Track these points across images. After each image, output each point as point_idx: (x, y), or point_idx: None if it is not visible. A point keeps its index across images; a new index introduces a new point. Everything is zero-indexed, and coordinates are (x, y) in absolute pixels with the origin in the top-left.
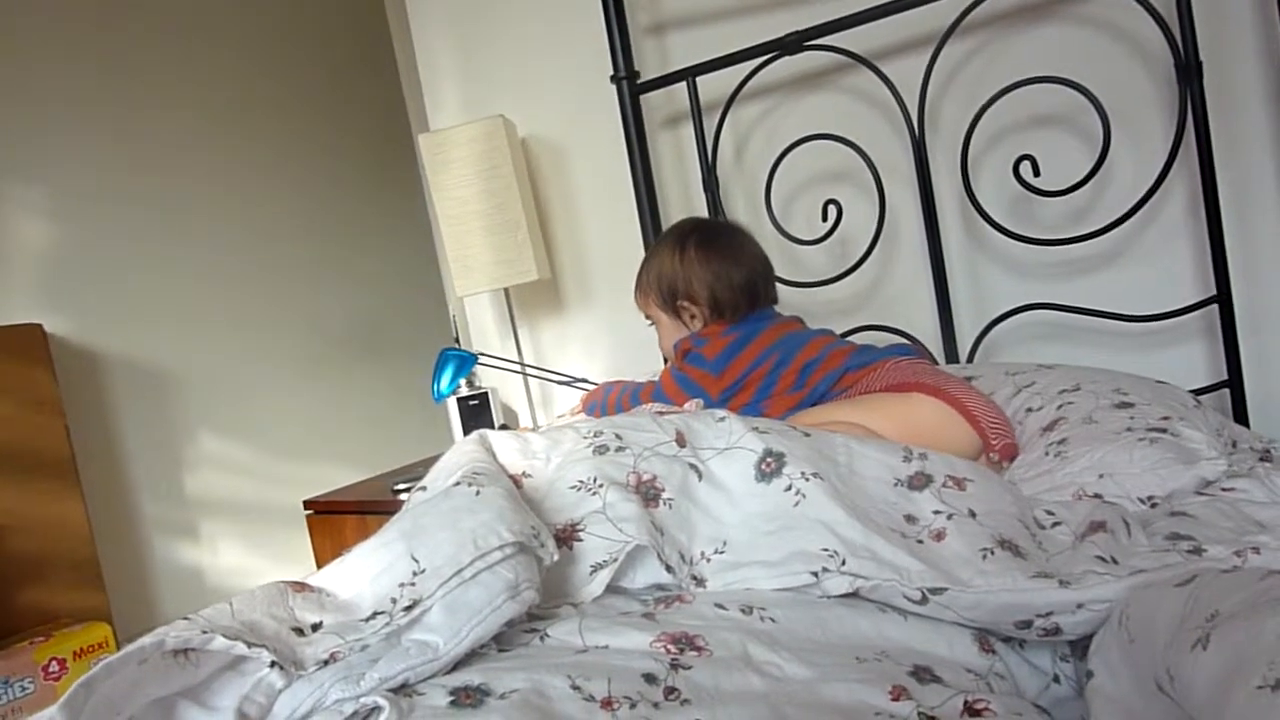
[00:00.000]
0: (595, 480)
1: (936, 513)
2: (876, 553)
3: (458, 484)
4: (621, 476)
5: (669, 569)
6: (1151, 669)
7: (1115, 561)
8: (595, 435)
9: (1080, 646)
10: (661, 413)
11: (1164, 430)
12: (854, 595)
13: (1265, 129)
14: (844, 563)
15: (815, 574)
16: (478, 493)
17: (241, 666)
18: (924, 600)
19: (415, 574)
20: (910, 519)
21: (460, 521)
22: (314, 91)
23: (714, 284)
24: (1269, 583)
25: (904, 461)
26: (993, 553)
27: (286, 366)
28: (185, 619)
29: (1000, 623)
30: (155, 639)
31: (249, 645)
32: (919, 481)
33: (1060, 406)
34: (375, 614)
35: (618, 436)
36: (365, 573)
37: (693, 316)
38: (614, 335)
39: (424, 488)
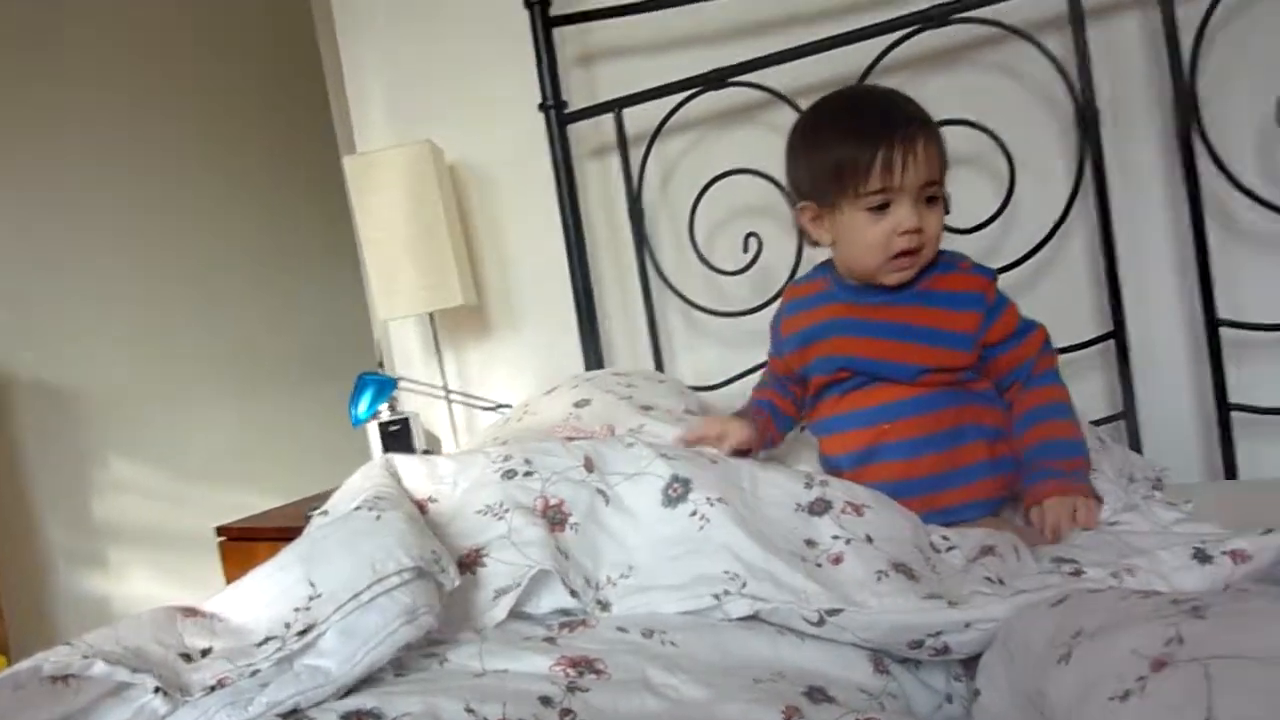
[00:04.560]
0: (502, 505)
1: (835, 537)
2: (776, 576)
3: (358, 508)
4: (529, 501)
5: (574, 593)
6: (1027, 686)
7: (1002, 582)
8: (504, 460)
9: (972, 666)
10: (570, 438)
11: None
12: (754, 618)
13: (1159, 173)
14: (745, 585)
15: (717, 596)
16: (378, 517)
17: (125, 693)
18: (821, 622)
19: (311, 598)
20: (810, 543)
21: (359, 546)
22: (240, 112)
23: None
24: (1129, 603)
25: (806, 488)
26: (887, 575)
27: (203, 389)
28: (68, 644)
29: (893, 643)
30: (32, 664)
31: (132, 671)
32: (819, 507)
33: None
34: (268, 639)
35: (527, 461)
36: (260, 597)
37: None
38: (541, 360)
39: (325, 512)
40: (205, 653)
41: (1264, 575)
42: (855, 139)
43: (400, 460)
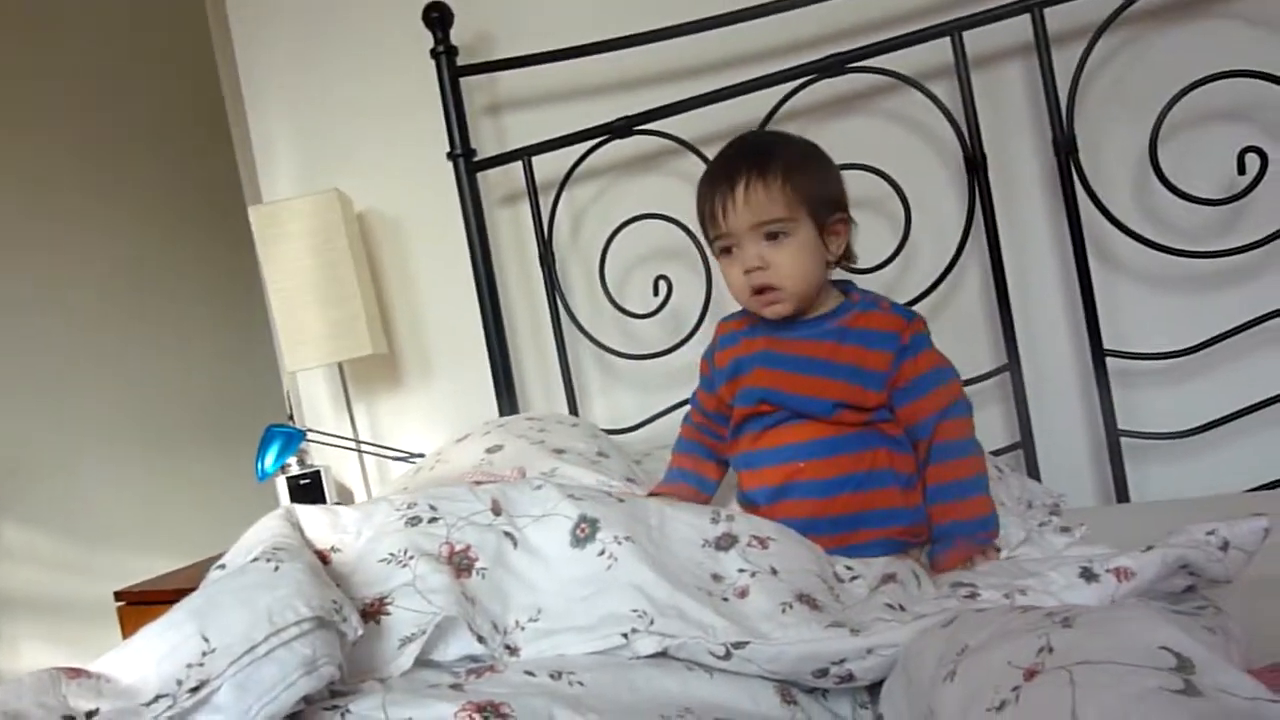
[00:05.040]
0: (406, 552)
1: (741, 571)
2: (684, 611)
3: (255, 560)
4: (434, 548)
5: (480, 639)
6: (920, 706)
7: (903, 608)
8: (409, 507)
9: (877, 692)
10: (478, 482)
11: None
12: (663, 655)
13: (1043, 214)
14: (652, 622)
15: (625, 635)
16: (276, 568)
17: None
18: (728, 655)
19: (205, 654)
20: (717, 578)
21: (256, 598)
22: (143, 162)
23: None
24: (1010, 617)
25: (712, 523)
26: (791, 606)
27: (102, 448)
28: None
29: (799, 673)
30: None
31: None
32: (725, 542)
33: None
34: (158, 697)
35: (432, 508)
36: (150, 655)
37: (831, 240)
38: (454, 408)
39: (223, 565)
40: (91, 715)
41: (1147, 590)
42: (704, 187)
43: (302, 510)
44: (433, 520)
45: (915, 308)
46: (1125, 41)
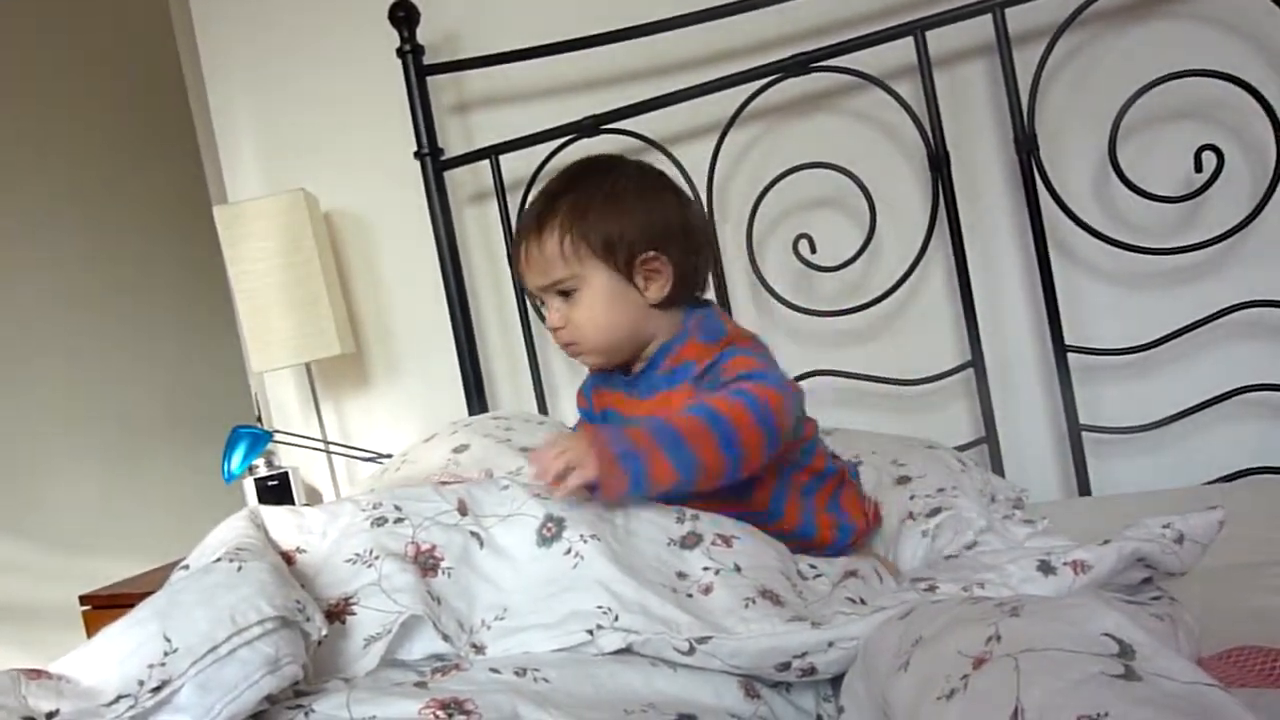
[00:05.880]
0: (371, 552)
1: (705, 569)
2: (648, 608)
3: (218, 560)
4: (399, 547)
5: (446, 638)
6: (877, 697)
7: (864, 602)
8: (374, 508)
9: (840, 685)
10: (444, 483)
11: (940, 508)
12: (627, 651)
13: (1005, 211)
14: (617, 619)
15: (590, 632)
16: (239, 568)
17: None
18: (691, 650)
19: (167, 653)
20: (681, 575)
21: (218, 598)
22: (107, 160)
23: (700, 254)
24: (962, 608)
25: (677, 523)
26: (754, 602)
27: (66, 450)
28: None
29: (761, 666)
30: None
31: None
32: (690, 541)
33: None
34: (119, 698)
35: (397, 508)
36: (113, 655)
37: (649, 280)
38: (423, 407)
39: (186, 566)
40: (51, 716)
41: (1105, 583)
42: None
43: (266, 511)
44: (398, 521)
45: (880, 307)
46: (1085, 41)
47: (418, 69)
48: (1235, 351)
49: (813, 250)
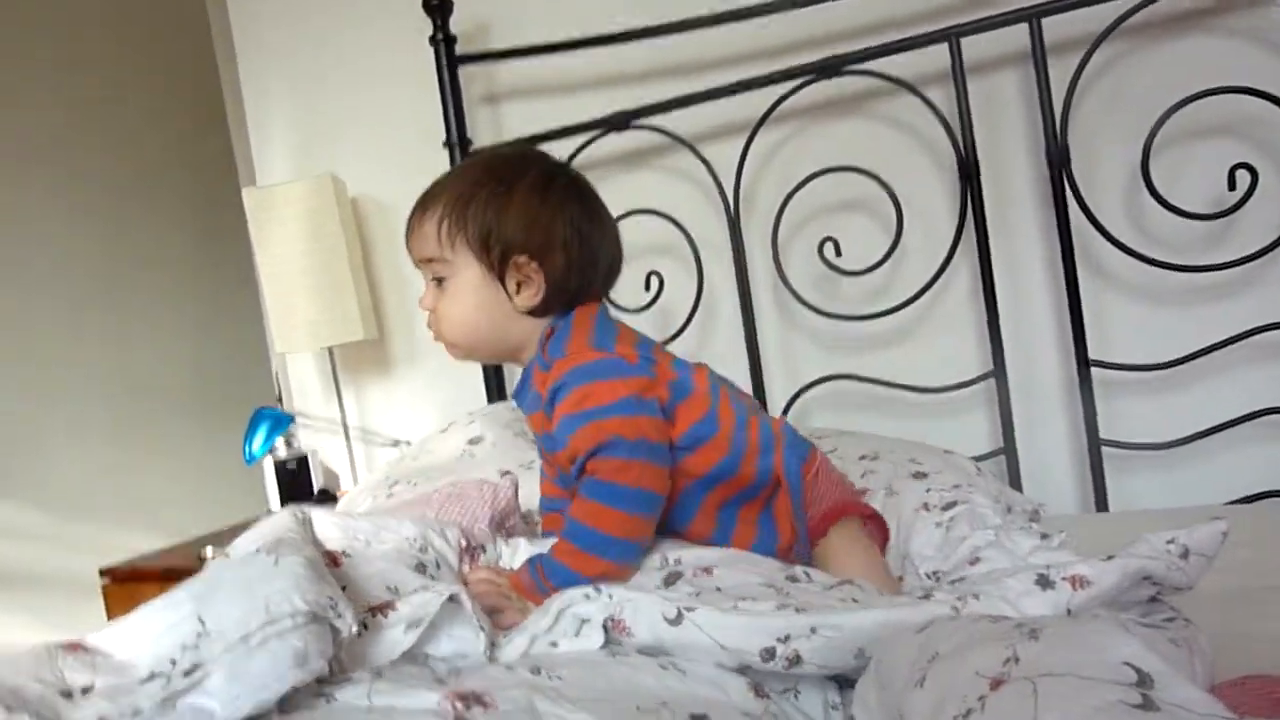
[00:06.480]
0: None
1: (689, 594)
2: (641, 589)
3: (258, 551)
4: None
5: (482, 629)
6: (891, 711)
7: (856, 601)
8: (421, 551)
9: (848, 695)
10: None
11: (955, 501)
12: (635, 655)
13: (1033, 222)
14: (611, 597)
15: (587, 595)
16: (276, 561)
17: None
18: (679, 618)
19: (200, 636)
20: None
21: (254, 588)
22: (136, 140)
23: (587, 274)
24: (981, 626)
25: (659, 569)
26: (737, 606)
27: (86, 425)
28: None
29: (747, 649)
30: None
31: (8, 710)
32: (671, 579)
33: (863, 475)
34: (153, 675)
35: (438, 565)
36: (148, 632)
37: (520, 285)
38: (443, 394)
39: (227, 554)
40: (86, 690)
41: (1110, 601)
42: None
43: (316, 512)
44: (433, 577)
45: (904, 313)
46: (1121, 54)
47: (449, 58)
48: (1259, 373)
49: (838, 254)
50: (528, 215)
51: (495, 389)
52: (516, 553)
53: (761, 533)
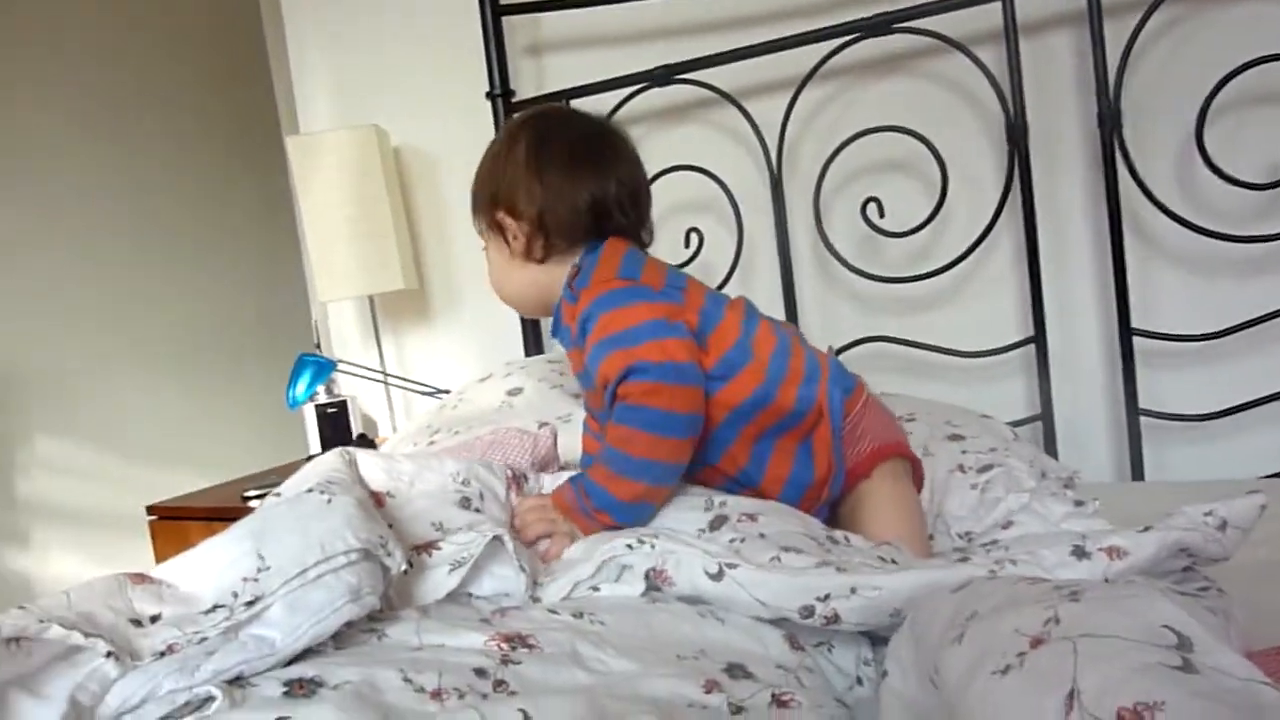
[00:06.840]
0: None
1: (731, 540)
2: (682, 539)
3: (310, 490)
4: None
5: (522, 569)
6: (927, 666)
7: (895, 563)
8: (464, 484)
9: (881, 651)
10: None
11: (991, 465)
12: (675, 602)
13: (1082, 186)
14: (654, 546)
15: (630, 545)
16: (329, 500)
17: (75, 657)
18: (720, 574)
19: (260, 570)
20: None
21: (309, 526)
22: (182, 92)
23: (544, 194)
24: (1020, 587)
25: (705, 511)
26: (779, 559)
27: (133, 366)
28: (20, 608)
29: (786, 607)
30: None
31: (85, 635)
32: (717, 523)
33: None
34: (216, 607)
35: (481, 496)
36: (210, 566)
37: (514, 238)
38: (482, 344)
39: (279, 494)
40: (154, 619)
41: (1145, 571)
42: None
43: (361, 454)
44: (478, 510)
45: (945, 276)
46: (1179, 17)
47: (494, 9)
48: None
49: (881, 215)
50: (493, 173)
51: (533, 342)
52: (558, 484)
53: (798, 464)
